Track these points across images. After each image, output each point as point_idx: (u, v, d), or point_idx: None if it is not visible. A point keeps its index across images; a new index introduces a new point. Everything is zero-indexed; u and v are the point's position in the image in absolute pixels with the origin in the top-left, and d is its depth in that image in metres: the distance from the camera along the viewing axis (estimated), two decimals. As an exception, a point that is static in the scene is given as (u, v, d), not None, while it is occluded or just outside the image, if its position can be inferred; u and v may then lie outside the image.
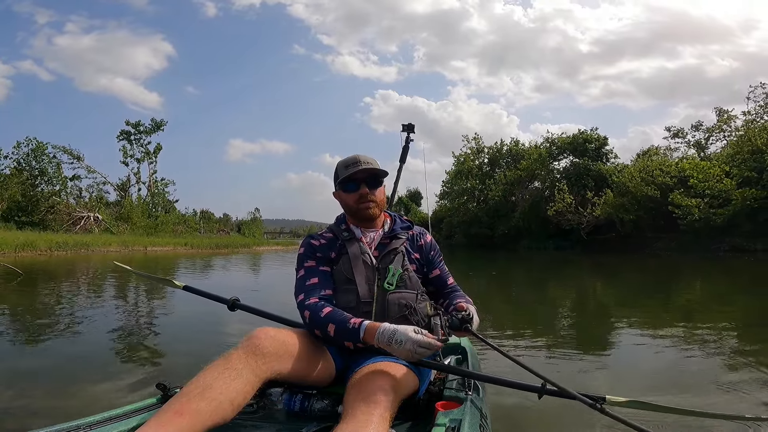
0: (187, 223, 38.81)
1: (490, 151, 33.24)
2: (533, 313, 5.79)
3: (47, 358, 3.13)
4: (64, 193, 32.01)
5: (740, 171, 19.29)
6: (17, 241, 16.70)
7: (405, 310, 1.39)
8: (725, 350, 3.52)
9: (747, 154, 19.89)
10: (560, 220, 24.76)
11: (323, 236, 1.57)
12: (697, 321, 4.91)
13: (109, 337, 3.84)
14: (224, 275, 11.94)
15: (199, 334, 3.69)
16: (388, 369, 1.19)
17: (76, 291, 7.43)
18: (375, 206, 1.50)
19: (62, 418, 1.08)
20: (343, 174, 1.49)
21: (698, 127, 26.73)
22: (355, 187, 1.48)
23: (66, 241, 19.40)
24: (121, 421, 1.10)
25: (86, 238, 21.69)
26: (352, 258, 1.47)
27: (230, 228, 53.35)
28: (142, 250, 22.85)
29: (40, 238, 18.83)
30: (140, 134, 35.94)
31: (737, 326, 4.55)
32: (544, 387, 1.21)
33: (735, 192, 18.47)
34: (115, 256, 18.79)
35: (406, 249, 1.52)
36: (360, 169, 1.45)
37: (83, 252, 19.28)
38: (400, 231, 1.55)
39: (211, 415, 0.98)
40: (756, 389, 2.53)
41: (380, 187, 1.52)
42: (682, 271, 12.14)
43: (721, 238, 18.32)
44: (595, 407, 1.15)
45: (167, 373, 2.71)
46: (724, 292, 7.96)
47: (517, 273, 13.32)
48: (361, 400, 1.06)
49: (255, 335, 1.17)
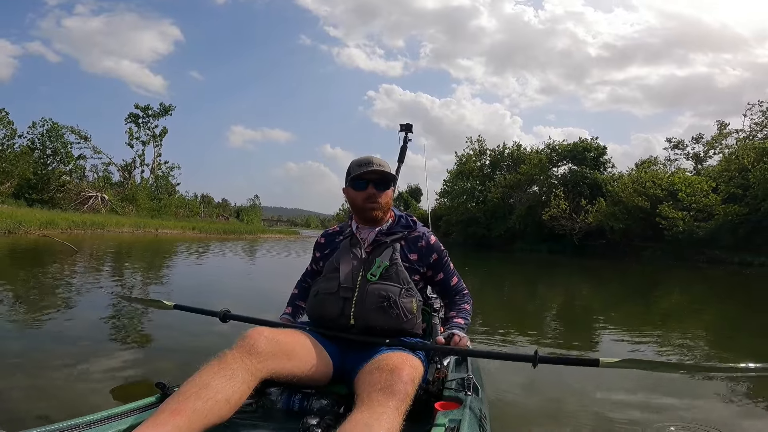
0: (189, 207, 39.63)
1: (492, 153, 34.19)
2: (518, 305, 6.58)
3: (41, 350, 3.02)
4: (75, 174, 32.78)
5: (727, 187, 20.36)
6: (41, 219, 17.53)
7: (383, 301, 1.42)
8: (697, 347, 4.06)
9: (735, 171, 20.97)
10: (554, 224, 25.72)
11: (330, 231, 1.72)
12: (673, 322, 5.53)
13: (107, 333, 3.73)
14: (266, 260, 13.22)
15: (200, 331, 3.70)
16: (402, 360, 1.22)
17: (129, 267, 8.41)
18: (380, 208, 1.54)
19: (60, 417, 1.08)
20: (354, 172, 1.54)
21: (698, 140, 27.34)
22: (364, 186, 1.53)
23: (84, 220, 20.23)
24: (119, 420, 1.10)
25: (101, 218, 22.52)
26: (342, 249, 1.56)
27: (229, 213, 53.93)
28: (153, 232, 23.68)
29: (59, 216, 19.65)
30: (148, 118, 36.55)
31: (708, 329, 5.23)
32: (537, 355, 1.27)
33: (719, 207, 19.58)
34: (129, 237, 19.70)
35: (400, 246, 1.55)
36: (371, 170, 1.51)
37: (99, 232, 20.12)
38: (399, 229, 1.58)
39: (207, 414, 0.99)
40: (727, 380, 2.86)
41: (388, 190, 1.56)
42: (661, 279, 13.08)
43: (702, 249, 19.43)
44: (591, 365, 1.23)
45: (166, 372, 2.68)
46: (698, 299, 8.77)
47: (508, 271, 14.30)
48: (378, 390, 1.09)
49: (249, 335, 1.21)
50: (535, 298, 8.02)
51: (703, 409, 2.41)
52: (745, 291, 10.55)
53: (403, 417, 1.06)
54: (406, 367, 1.18)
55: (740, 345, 4.39)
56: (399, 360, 1.21)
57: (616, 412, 2.29)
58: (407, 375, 1.15)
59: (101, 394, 2.29)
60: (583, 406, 2.38)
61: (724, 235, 18.99)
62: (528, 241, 28.15)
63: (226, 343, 1.21)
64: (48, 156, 31.35)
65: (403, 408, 1.07)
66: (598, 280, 12.51)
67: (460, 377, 1.38)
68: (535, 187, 30.25)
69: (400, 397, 1.08)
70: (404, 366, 1.18)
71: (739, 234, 18.62)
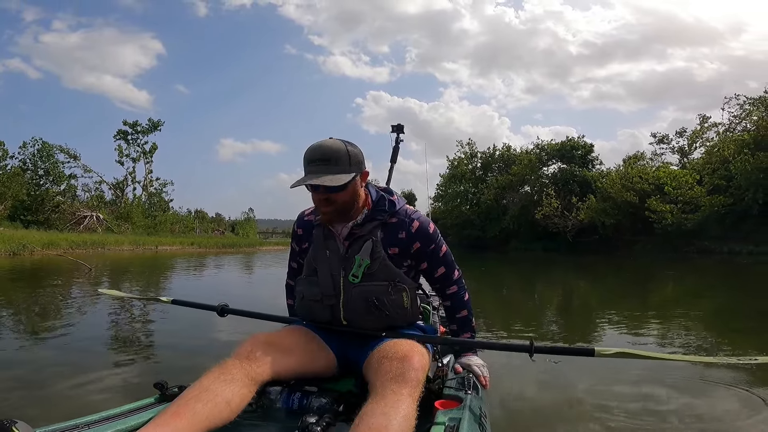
0: (183, 222, 39.63)
1: (483, 156, 34.82)
2: (516, 301, 6.84)
3: (46, 354, 3.14)
4: (68, 194, 32.72)
5: (711, 179, 21.13)
6: (43, 240, 17.66)
7: (370, 304, 1.32)
8: (697, 335, 4.15)
9: (717, 163, 21.76)
10: (548, 223, 26.29)
11: (305, 219, 1.49)
12: (670, 311, 5.67)
13: (107, 334, 3.77)
14: (268, 269, 13.42)
15: (198, 332, 3.68)
16: (408, 347, 1.21)
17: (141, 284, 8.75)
18: (334, 211, 1.31)
19: (60, 418, 1.09)
20: (305, 168, 1.29)
21: (682, 134, 27.99)
22: (315, 187, 1.28)
23: (84, 240, 20.35)
24: (118, 421, 1.10)
25: (100, 238, 22.62)
26: (316, 244, 1.41)
27: (224, 228, 53.94)
28: (153, 249, 23.80)
29: (59, 237, 19.77)
30: (137, 134, 36.49)
31: (706, 317, 5.39)
32: (533, 345, 1.25)
33: (705, 199, 20.32)
34: (129, 255, 19.84)
35: (379, 237, 1.35)
36: (310, 181, 1.24)
37: (100, 251, 20.25)
38: (377, 215, 1.36)
39: (208, 417, 1.00)
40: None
41: (343, 191, 1.28)
42: (654, 271, 13.47)
43: (691, 240, 20.12)
44: (587, 354, 1.22)
45: (165, 372, 2.69)
46: (692, 289, 9.04)
47: (505, 270, 14.72)
48: (391, 379, 1.09)
49: (247, 343, 1.21)
50: (533, 294, 8.23)
51: (704, 406, 2.36)
52: (738, 278, 10.96)
53: (417, 403, 1.07)
54: (416, 355, 1.18)
55: (740, 329, 4.52)
56: (408, 347, 1.20)
57: (617, 411, 2.27)
58: (418, 362, 1.15)
59: (100, 394, 2.30)
60: (584, 406, 2.37)
61: (712, 226, 19.68)
62: (523, 241, 28.64)
63: (227, 345, 1.30)
64: (40, 176, 31.28)
65: (416, 394, 1.09)
66: (593, 275, 12.83)
67: (460, 376, 1.38)
68: (527, 187, 30.83)
69: (413, 384, 1.09)
70: (414, 353, 1.18)
71: (726, 224, 19.34)
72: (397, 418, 0.98)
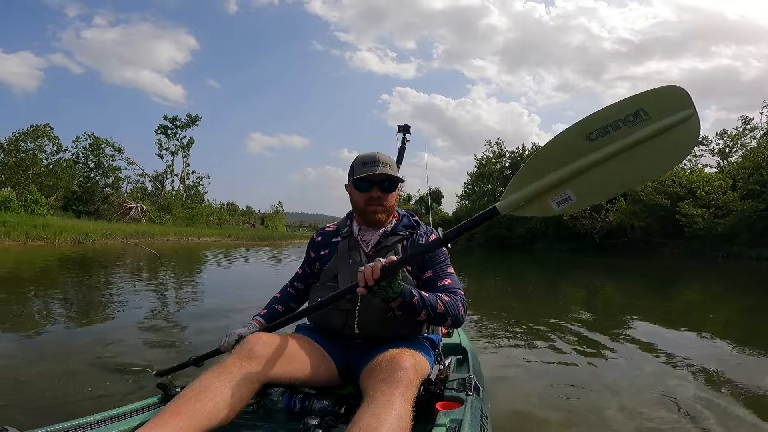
0: (217, 215, 41.12)
1: (512, 155, 34.92)
2: (541, 298, 7.07)
3: (49, 353, 3.11)
4: (115, 185, 34.73)
5: (745, 184, 20.81)
6: (103, 230, 19.24)
7: (387, 312, 1.35)
8: (721, 340, 4.04)
9: (753, 168, 21.39)
10: (576, 224, 26.22)
11: (326, 230, 1.61)
12: (698, 312, 5.76)
13: (111, 333, 3.76)
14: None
15: (202, 333, 3.74)
16: (403, 353, 1.21)
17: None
18: (383, 211, 1.45)
19: (63, 417, 1.10)
20: (359, 172, 1.44)
21: (722, 135, 27.15)
22: (368, 188, 1.44)
23: (137, 230, 21.93)
24: (121, 421, 1.11)
25: (148, 228, 24.23)
26: (340, 254, 1.48)
27: (254, 220, 55.57)
28: (195, 240, 25.30)
29: (114, 227, 21.40)
30: (177, 129, 38.07)
31: (729, 321, 5.47)
32: (444, 236, 1.25)
33: (736, 203, 20.10)
34: (175, 245, 21.25)
35: (402, 247, 1.46)
36: (376, 173, 1.41)
37: (149, 240, 21.75)
38: (401, 229, 1.49)
39: (207, 416, 1.00)
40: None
41: (394, 191, 1.47)
42: (682, 275, 13.45)
43: (721, 245, 19.94)
44: (492, 215, 1.21)
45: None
46: (718, 293, 9.01)
47: (528, 268, 15.00)
48: (381, 381, 1.10)
49: (248, 341, 1.22)
50: (559, 292, 8.45)
51: (705, 409, 2.32)
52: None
53: (412, 404, 1.07)
54: (405, 355, 1.18)
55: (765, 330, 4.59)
56: (397, 351, 1.22)
57: (619, 411, 2.28)
58: (407, 362, 1.15)
59: (103, 394, 2.32)
60: (587, 407, 2.38)
61: (742, 231, 19.47)
62: (549, 241, 28.73)
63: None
64: (91, 169, 33.36)
65: (410, 394, 1.08)
66: (620, 276, 12.94)
67: (461, 377, 1.38)
68: (556, 188, 30.69)
69: (404, 384, 1.09)
70: (402, 355, 1.19)
71: (756, 229, 19.10)
72: (388, 419, 0.98)
